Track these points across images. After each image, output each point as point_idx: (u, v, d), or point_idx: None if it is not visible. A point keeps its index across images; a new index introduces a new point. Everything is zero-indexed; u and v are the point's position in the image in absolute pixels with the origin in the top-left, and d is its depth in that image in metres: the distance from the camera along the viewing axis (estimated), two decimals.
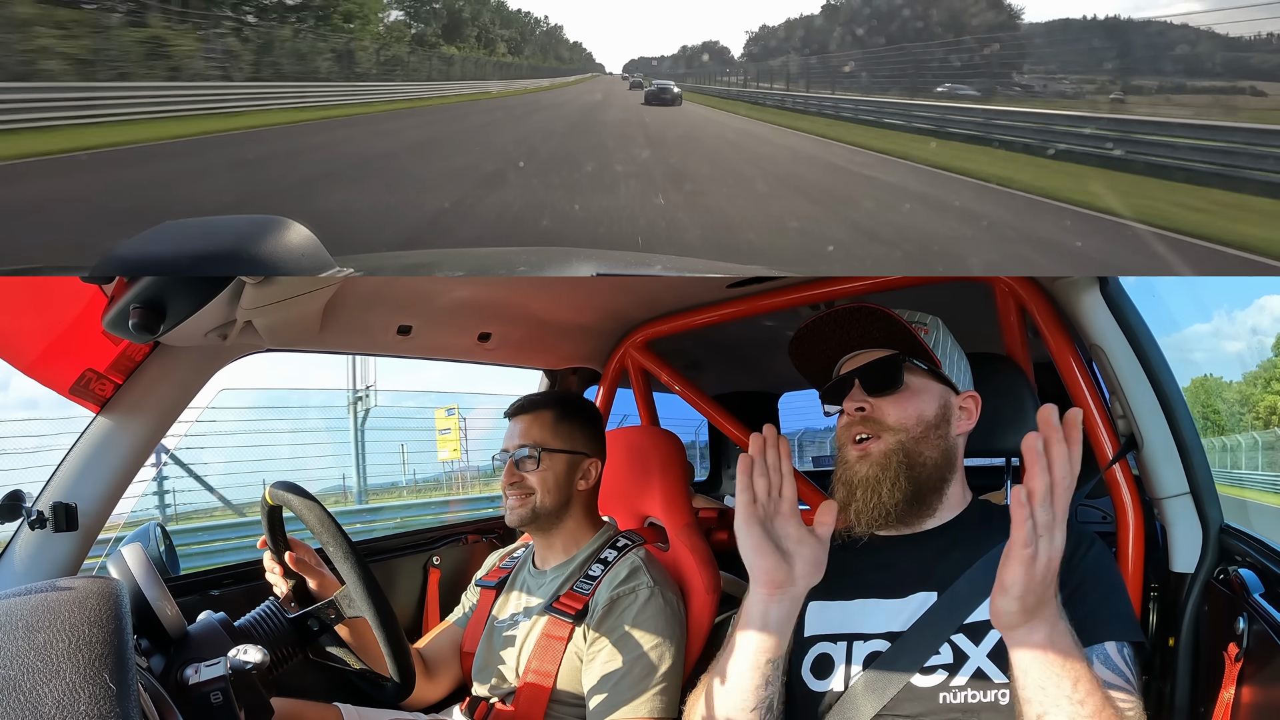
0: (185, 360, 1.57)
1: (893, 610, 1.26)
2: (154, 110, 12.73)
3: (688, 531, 1.83)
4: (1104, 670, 1.13)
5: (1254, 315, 31.16)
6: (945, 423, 1.33)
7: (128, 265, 1.10)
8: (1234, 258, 5.84)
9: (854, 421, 1.33)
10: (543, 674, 1.63)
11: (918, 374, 1.34)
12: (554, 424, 1.77)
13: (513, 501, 1.73)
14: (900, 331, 1.33)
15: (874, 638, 1.25)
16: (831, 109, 21.00)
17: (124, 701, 0.72)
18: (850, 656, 1.25)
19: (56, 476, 1.50)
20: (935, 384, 1.35)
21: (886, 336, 1.35)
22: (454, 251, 4.32)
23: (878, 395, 1.32)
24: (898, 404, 1.31)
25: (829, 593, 1.29)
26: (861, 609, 1.29)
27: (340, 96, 19.87)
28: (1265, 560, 1.24)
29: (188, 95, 14.36)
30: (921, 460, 1.30)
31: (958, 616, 1.21)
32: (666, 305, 2.15)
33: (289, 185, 7.80)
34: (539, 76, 47.75)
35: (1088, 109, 13.39)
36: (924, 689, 1.18)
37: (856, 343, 1.39)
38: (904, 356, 1.35)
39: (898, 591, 1.27)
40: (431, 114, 18.37)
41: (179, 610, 1.32)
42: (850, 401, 1.34)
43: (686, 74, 59.09)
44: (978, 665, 1.17)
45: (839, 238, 6.41)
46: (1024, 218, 7.24)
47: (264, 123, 13.79)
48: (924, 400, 1.32)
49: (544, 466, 1.73)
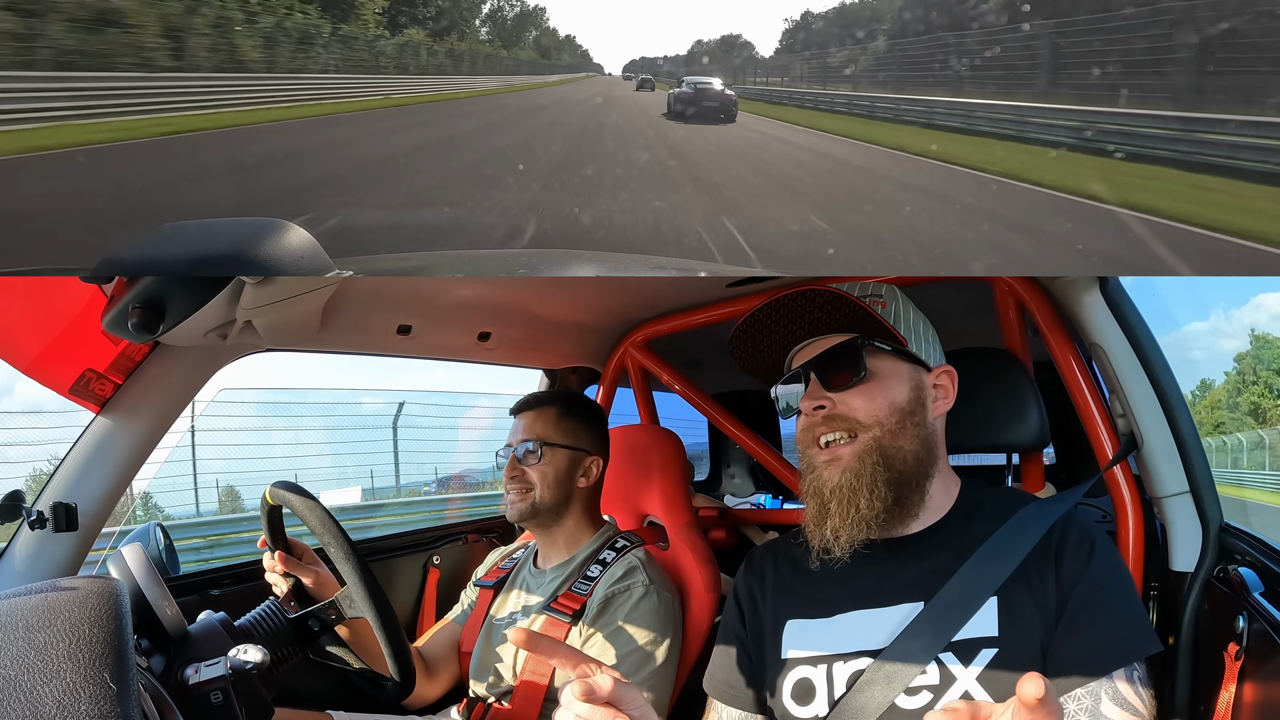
0: (185, 360, 1.57)
1: (875, 624, 1.16)
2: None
3: (687, 530, 1.83)
4: (1111, 708, 1.07)
5: (1250, 313, 31.13)
6: (921, 407, 1.18)
7: (127, 267, 1.10)
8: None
9: (815, 422, 1.18)
10: (539, 673, 1.63)
11: (882, 356, 1.19)
12: (557, 420, 1.78)
13: (513, 496, 1.74)
14: (854, 311, 1.16)
15: (855, 656, 1.16)
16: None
17: (124, 701, 0.72)
18: (831, 679, 1.16)
19: (56, 476, 1.50)
20: (903, 364, 1.19)
21: (839, 319, 1.19)
22: (454, 253, 4.32)
23: (840, 389, 1.17)
24: (864, 395, 1.16)
25: (807, 610, 1.22)
26: (841, 625, 1.19)
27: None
28: (1265, 559, 1.23)
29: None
30: (900, 456, 1.16)
31: (945, 630, 1.11)
32: (666, 305, 2.15)
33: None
34: (523, 74, 42.22)
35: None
36: (909, 711, 1.10)
37: (806, 331, 1.22)
38: (863, 339, 1.18)
39: (880, 602, 1.17)
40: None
41: (179, 610, 1.32)
42: (808, 400, 1.18)
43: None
44: (965, 688, 1.08)
45: None
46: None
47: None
48: (894, 386, 1.17)
49: (545, 461, 1.74)
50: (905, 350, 1.20)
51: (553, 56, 56.91)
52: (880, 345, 1.19)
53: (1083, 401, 1.58)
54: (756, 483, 3.46)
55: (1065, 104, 13.31)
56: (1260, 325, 29.41)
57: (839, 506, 1.15)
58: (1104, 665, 1.07)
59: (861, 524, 1.14)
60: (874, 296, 1.24)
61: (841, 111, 19.93)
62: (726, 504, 2.75)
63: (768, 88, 30.24)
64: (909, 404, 1.18)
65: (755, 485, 3.46)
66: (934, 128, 14.94)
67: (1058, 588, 1.12)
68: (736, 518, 2.38)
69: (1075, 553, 1.14)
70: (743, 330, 1.25)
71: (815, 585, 1.20)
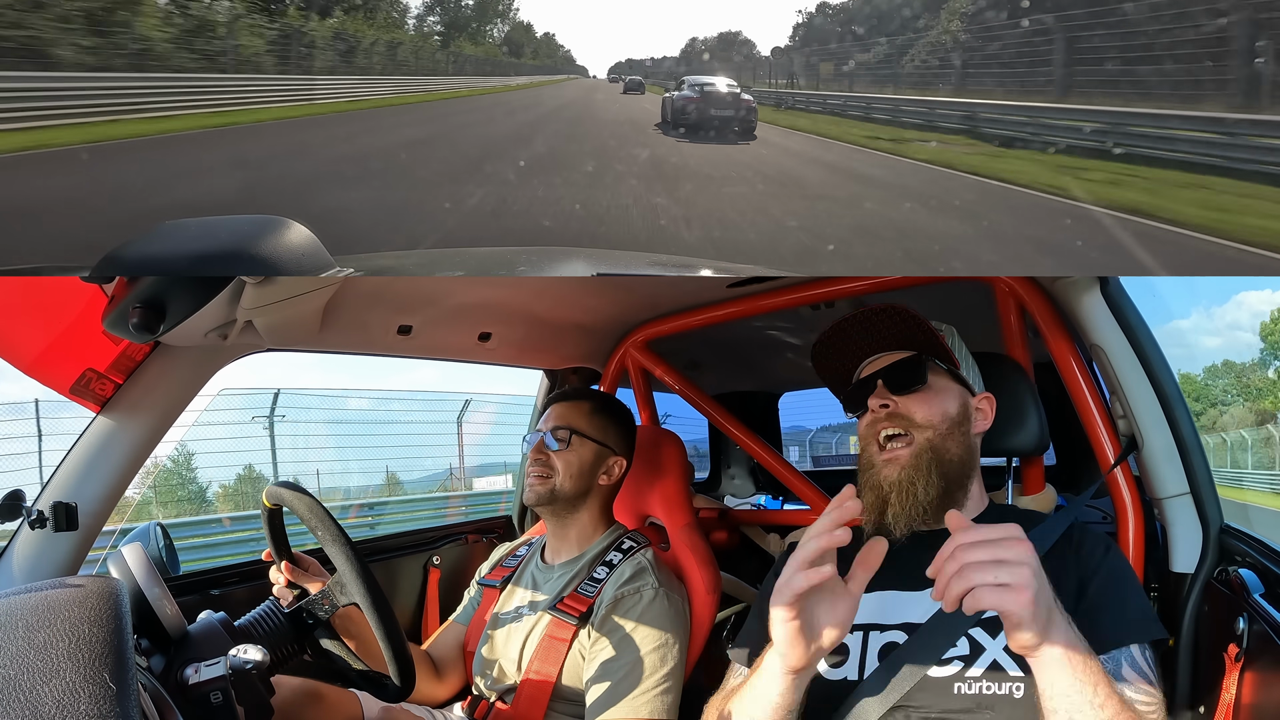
0: (185, 360, 1.57)
1: (912, 603, 1.27)
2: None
3: (688, 531, 1.83)
4: (1131, 673, 1.15)
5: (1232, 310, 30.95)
6: (966, 420, 1.36)
7: (128, 265, 1.10)
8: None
9: (879, 418, 1.35)
10: (545, 673, 1.63)
11: (939, 373, 1.38)
12: (590, 413, 1.79)
13: (533, 479, 1.75)
14: (923, 333, 1.36)
15: (891, 628, 1.26)
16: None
17: (124, 701, 0.72)
18: (866, 646, 1.26)
19: (56, 476, 1.50)
20: (954, 384, 1.38)
21: (908, 338, 1.38)
22: (454, 251, 4.32)
23: (902, 393, 1.35)
24: (923, 401, 1.34)
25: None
26: (880, 601, 1.29)
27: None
28: (1265, 560, 1.24)
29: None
30: (949, 457, 1.32)
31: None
32: (666, 305, 2.15)
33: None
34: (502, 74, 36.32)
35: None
36: (938, 679, 1.18)
37: (878, 345, 1.41)
38: (926, 356, 1.38)
39: (917, 585, 1.26)
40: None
41: (179, 610, 1.31)
42: (876, 399, 1.36)
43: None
44: (994, 657, 1.17)
45: None
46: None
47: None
48: (947, 398, 1.35)
49: (571, 450, 1.75)
50: (957, 372, 1.39)
51: (525, 55, 47.99)
52: (939, 364, 1.39)
53: (1083, 403, 1.58)
54: (757, 483, 3.46)
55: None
56: (1241, 323, 29.30)
57: (898, 496, 1.29)
58: (1123, 637, 1.17)
59: (919, 509, 1.28)
60: (938, 329, 1.42)
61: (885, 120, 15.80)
62: (727, 505, 2.75)
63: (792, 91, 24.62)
64: (958, 415, 1.35)
65: (755, 486, 3.47)
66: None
67: (1078, 574, 1.23)
68: (737, 519, 2.38)
69: (1093, 548, 1.27)
70: (828, 338, 1.43)
71: (898, 552, 1.27)
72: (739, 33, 74.17)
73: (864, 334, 1.41)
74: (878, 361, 1.41)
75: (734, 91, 14.47)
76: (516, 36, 47.60)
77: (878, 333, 1.40)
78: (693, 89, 14.55)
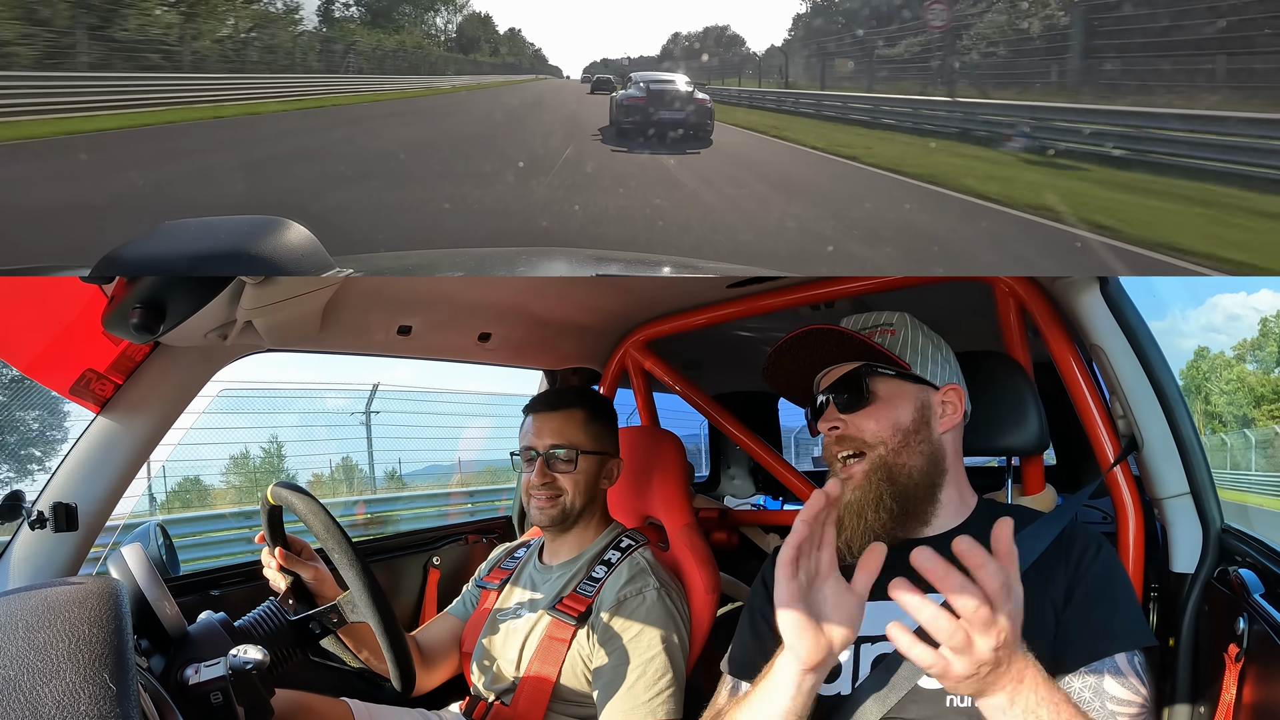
0: (185, 360, 1.57)
1: (902, 613, 1.25)
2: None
3: (688, 531, 1.83)
4: (1114, 684, 1.13)
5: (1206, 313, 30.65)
6: (925, 425, 1.32)
7: (128, 265, 1.10)
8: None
9: (831, 441, 1.33)
10: (544, 673, 1.63)
11: (886, 381, 1.33)
12: (586, 424, 1.75)
13: (542, 502, 1.71)
14: (859, 345, 1.32)
15: (882, 640, 1.23)
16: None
17: (124, 701, 0.72)
18: (858, 659, 1.25)
19: (56, 476, 1.50)
20: (909, 386, 1.33)
21: (847, 350, 1.35)
22: (454, 251, 4.31)
23: (849, 411, 1.32)
24: (871, 417, 1.31)
25: None
26: (870, 612, 1.25)
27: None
28: (1265, 560, 1.24)
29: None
30: (905, 472, 1.29)
31: None
32: (666, 305, 2.15)
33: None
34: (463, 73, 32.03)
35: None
36: (930, 691, 1.17)
37: (824, 360, 1.38)
38: (869, 366, 1.33)
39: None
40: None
41: (179, 610, 1.32)
42: (824, 422, 1.34)
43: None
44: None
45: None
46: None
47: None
48: (898, 408, 1.31)
49: (580, 468, 1.72)
50: (909, 373, 1.33)
51: (483, 51, 41.15)
52: (884, 370, 1.33)
53: (1083, 402, 1.58)
54: (756, 484, 3.46)
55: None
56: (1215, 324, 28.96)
57: (850, 519, 1.27)
58: (1109, 646, 1.16)
59: (870, 534, 1.25)
60: (884, 325, 1.38)
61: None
62: (727, 505, 2.75)
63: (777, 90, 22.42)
64: (913, 423, 1.31)
65: (755, 486, 3.47)
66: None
67: (1067, 578, 1.21)
68: (737, 519, 2.38)
69: (1085, 550, 1.23)
70: (771, 362, 1.39)
71: (847, 575, 1.25)
72: (726, 27, 67.96)
73: (807, 350, 1.37)
74: (827, 376, 1.38)
75: (688, 91, 12.44)
76: (470, 30, 40.70)
77: (818, 348, 1.36)
78: (639, 87, 12.41)
